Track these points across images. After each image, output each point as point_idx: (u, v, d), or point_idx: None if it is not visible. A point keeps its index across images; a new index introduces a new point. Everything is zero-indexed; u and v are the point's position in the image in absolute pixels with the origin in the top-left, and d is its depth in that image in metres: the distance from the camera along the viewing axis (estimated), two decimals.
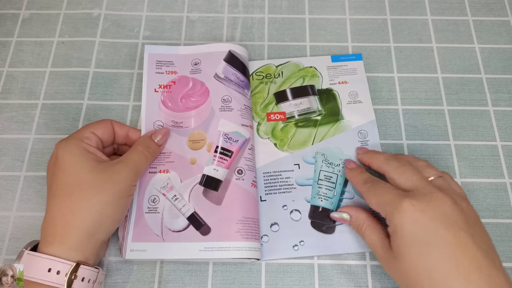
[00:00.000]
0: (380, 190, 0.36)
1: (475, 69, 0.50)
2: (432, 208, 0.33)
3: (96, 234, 0.35)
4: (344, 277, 0.40)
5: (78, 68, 0.50)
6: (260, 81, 0.49)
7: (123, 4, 0.54)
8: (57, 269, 0.33)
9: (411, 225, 0.32)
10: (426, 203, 0.33)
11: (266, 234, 0.42)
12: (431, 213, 0.32)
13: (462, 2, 0.54)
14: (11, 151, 0.45)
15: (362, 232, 0.38)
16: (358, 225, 0.38)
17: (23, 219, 0.42)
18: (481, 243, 0.32)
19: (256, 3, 0.54)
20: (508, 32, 0.53)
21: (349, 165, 0.43)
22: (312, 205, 0.43)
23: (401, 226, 0.33)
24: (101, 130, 0.40)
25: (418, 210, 0.32)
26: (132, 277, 0.40)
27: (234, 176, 0.42)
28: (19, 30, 0.52)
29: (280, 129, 0.46)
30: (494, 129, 0.47)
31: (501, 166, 0.45)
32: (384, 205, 0.35)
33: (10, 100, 0.48)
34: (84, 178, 0.35)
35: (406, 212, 0.33)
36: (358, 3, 0.54)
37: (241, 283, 0.40)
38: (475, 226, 0.33)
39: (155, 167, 0.43)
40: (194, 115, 0.45)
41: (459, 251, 0.31)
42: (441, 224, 0.32)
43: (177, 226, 0.40)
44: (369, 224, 0.37)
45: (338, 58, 0.50)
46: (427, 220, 0.32)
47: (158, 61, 0.48)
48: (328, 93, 0.48)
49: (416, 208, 0.32)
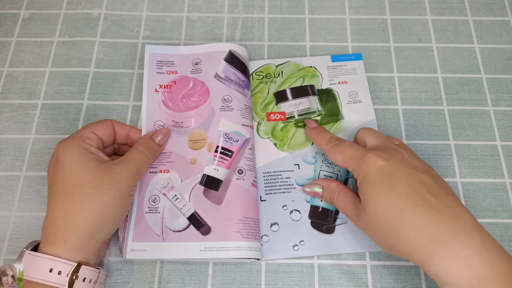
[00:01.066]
0: (345, 147, 0.38)
1: (475, 69, 0.50)
2: (394, 156, 0.35)
3: (97, 234, 0.35)
4: (344, 277, 0.40)
5: (78, 68, 0.50)
6: (260, 81, 0.49)
7: (123, 4, 0.54)
8: (58, 269, 0.33)
9: (375, 171, 0.34)
10: (390, 154, 0.35)
11: (266, 234, 0.42)
12: (394, 159, 0.34)
13: (462, 2, 0.54)
14: (11, 151, 0.45)
15: (335, 199, 0.39)
16: (330, 194, 0.39)
17: (23, 219, 0.42)
18: (443, 185, 0.34)
19: (256, 3, 0.54)
20: (508, 32, 0.53)
21: (310, 124, 0.44)
22: (312, 205, 0.43)
23: (366, 174, 0.35)
24: (101, 130, 0.40)
25: (381, 159, 0.34)
26: (132, 277, 0.40)
27: (234, 176, 0.42)
28: (19, 30, 0.52)
29: (280, 129, 0.46)
30: (494, 129, 0.47)
31: (501, 166, 0.45)
32: (351, 160, 0.37)
33: (10, 100, 0.48)
34: (85, 178, 0.35)
35: (371, 161, 0.35)
36: (358, 3, 0.54)
37: (241, 283, 0.40)
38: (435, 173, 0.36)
39: (155, 167, 0.43)
40: (194, 115, 0.45)
41: (419, 187, 0.33)
42: (402, 168, 0.34)
43: (177, 226, 0.40)
44: (341, 190, 0.39)
45: (338, 58, 0.50)
46: (389, 165, 0.34)
47: (159, 61, 0.48)
48: (328, 93, 0.48)
49: (380, 157, 0.35)
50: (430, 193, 0.32)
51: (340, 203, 0.38)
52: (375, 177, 0.34)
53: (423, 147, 0.46)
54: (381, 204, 0.33)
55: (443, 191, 0.33)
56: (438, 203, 0.32)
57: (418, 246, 0.31)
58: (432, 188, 0.33)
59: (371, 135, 0.39)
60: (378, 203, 0.33)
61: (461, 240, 0.30)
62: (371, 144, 0.38)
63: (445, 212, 0.31)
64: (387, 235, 0.33)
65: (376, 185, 0.34)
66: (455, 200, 0.33)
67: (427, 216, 0.31)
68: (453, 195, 0.34)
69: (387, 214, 0.33)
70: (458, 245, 0.30)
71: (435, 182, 0.33)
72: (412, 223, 0.31)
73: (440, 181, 0.35)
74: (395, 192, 0.33)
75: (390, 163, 0.34)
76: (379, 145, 0.37)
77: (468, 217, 0.32)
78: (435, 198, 0.32)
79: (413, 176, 0.33)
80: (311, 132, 0.43)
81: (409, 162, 0.35)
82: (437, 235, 0.30)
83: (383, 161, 0.34)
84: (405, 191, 0.33)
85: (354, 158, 0.36)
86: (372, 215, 0.34)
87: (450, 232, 0.30)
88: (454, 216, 0.31)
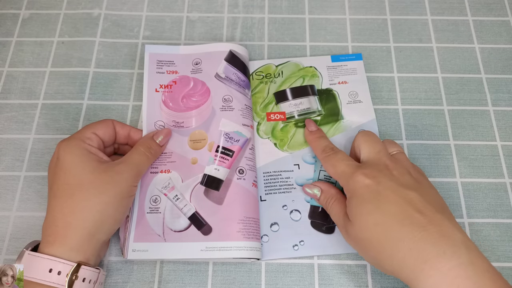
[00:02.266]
0: (337, 160, 0.38)
1: (475, 69, 0.50)
2: (383, 174, 0.35)
3: (97, 235, 0.35)
4: (344, 277, 0.40)
5: (78, 68, 0.50)
6: (260, 81, 0.49)
7: (123, 4, 0.54)
8: (58, 269, 0.33)
9: (362, 189, 0.34)
10: (378, 171, 0.35)
11: (266, 234, 0.42)
12: (381, 177, 0.34)
13: (462, 2, 0.54)
14: (11, 151, 0.45)
15: (330, 205, 0.39)
16: (327, 199, 0.40)
17: (23, 219, 0.42)
18: (433, 202, 0.33)
19: (256, 3, 0.54)
20: (508, 32, 0.53)
21: (309, 126, 0.45)
22: (312, 205, 0.43)
23: (353, 191, 0.35)
24: (102, 130, 0.40)
25: (368, 178, 0.35)
26: (132, 277, 0.40)
27: (235, 175, 0.42)
28: (19, 30, 0.52)
29: (280, 129, 0.46)
30: (494, 129, 0.47)
31: (501, 166, 0.45)
32: (341, 175, 0.37)
33: (10, 100, 0.48)
34: (85, 179, 0.35)
35: (358, 179, 0.35)
36: (358, 3, 0.54)
37: (241, 283, 0.40)
38: (426, 188, 0.35)
39: (156, 167, 0.43)
40: (195, 115, 0.45)
41: (406, 206, 0.32)
42: (388, 186, 0.34)
43: (178, 226, 0.40)
44: (338, 199, 0.39)
45: (338, 58, 0.50)
46: (376, 184, 0.34)
47: (159, 61, 0.48)
48: (328, 93, 0.48)
49: (367, 176, 0.35)
50: (417, 211, 0.32)
51: (334, 211, 0.38)
52: (362, 195, 0.34)
53: (423, 147, 0.46)
54: (368, 222, 0.33)
55: (432, 208, 0.32)
56: (425, 221, 0.31)
57: (406, 264, 0.31)
58: (420, 205, 0.32)
59: (366, 145, 0.38)
60: (365, 221, 0.33)
61: (448, 259, 0.30)
62: (363, 157, 0.38)
63: (432, 231, 0.31)
64: (374, 251, 0.33)
65: (363, 203, 0.34)
66: (444, 217, 0.32)
67: (414, 234, 0.31)
68: (444, 211, 0.33)
69: (374, 232, 0.33)
70: (445, 264, 0.29)
71: (423, 199, 0.33)
72: (399, 242, 0.31)
73: (430, 197, 0.34)
74: (381, 210, 0.33)
75: (377, 181, 0.34)
76: (370, 159, 0.37)
77: (457, 234, 0.31)
78: (422, 216, 0.32)
79: (400, 195, 0.33)
80: (309, 137, 0.44)
81: (397, 179, 0.34)
82: (423, 254, 0.30)
83: (370, 180, 0.34)
84: (392, 209, 0.32)
85: (344, 175, 0.37)
86: (359, 231, 0.34)
87: (437, 251, 0.30)
88: (442, 234, 0.31)
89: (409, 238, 0.31)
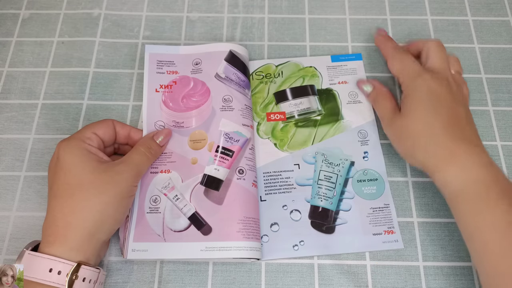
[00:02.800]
0: (406, 58, 0.43)
1: (475, 69, 0.50)
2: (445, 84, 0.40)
3: (97, 234, 0.35)
4: (344, 277, 0.40)
5: (78, 68, 0.50)
6: (260, 81, 0.49)
7: (123, 4, 0.54)
8: (58, 269, 0.33)
9: (424, 91, 0.40)
10: (442, 80, 0.40)
11: (266, 234, 0.42)
12: (445, 87, 0.40)
13: (462, 2, 0.54)
14: (11, 151, 0.45)
15: (379, 101, 0.44)
16: (377, 95, 0.45)
17: (23, 219, 0.42)
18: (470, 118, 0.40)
19: (256, 3, 0.54)
20: (508, 32, 0.53)
21: (380, 31, 0.50)
22: (312, 205, 0.43)
23: (415, 90, 0.40)
24: (102, 130, 0.40)
25: (435, 82, 0.40)
26: (132, 277, 0.40)
27: (235, 176, 0.42)
28: (19, 30, 0.52)
29: (280, 129, 0.46)
30: (494, 129, 0.47)
31: (501, 166, 0.45)
32: (408, 71, 0.42)
33: (10, 100, 0.48)
34: (85, 179, 0.35)
35: (424, 81, 0.40)
36: (358, 3, 0.54)
37: (241, 283, 0.40)
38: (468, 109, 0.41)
39: (156, 167, 0.43)
40: (195, 115, 0.45)
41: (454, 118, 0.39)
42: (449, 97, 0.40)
43: (178, 226, 0.40)
44: (388, 95, 0.44)
45: (338, 58, 0.50)
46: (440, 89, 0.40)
47: (159, 61, 0.48)
48: (328, 93, 0.48)
49: (434, 80, 0.40)
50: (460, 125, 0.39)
51: (382, 105, 0.44)
52: (425, 95, 0.40)
53: None
54: (421, 116, 0.39)
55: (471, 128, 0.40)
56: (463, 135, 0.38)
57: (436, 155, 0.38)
58: (464, 122, 0.39)
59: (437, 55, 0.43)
60: (419, 114, 0.39)
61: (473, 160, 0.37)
62: (430, 64, 0.42)
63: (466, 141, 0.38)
64: (412, 143, 0.39)
65: (423, 100, 0.39)
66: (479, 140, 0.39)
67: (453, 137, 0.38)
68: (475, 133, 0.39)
69: (422, 125, 0.39)
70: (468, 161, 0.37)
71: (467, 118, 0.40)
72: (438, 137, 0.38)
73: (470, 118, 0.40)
74: (436, 111, 0.39)
75: (440, 88, 0.40)
76: (436, 68, 0.42)
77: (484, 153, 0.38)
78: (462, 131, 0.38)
79: (454, 107, 0.39)
80: (379, 38, 0.48)
81: (454, 94, 0.40)
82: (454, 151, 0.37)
83: (435, 84, 0.40)
84: (444, 114, 0.39)
85: (412, 71, 0.41)
86: (410, 122, 0.39)
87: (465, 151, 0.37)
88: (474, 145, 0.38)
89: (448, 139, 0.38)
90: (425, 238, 0.42)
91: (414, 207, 0.43)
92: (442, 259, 0.41)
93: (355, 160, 0.45)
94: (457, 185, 0.37)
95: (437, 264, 0.41)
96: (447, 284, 0.40)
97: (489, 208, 0.35)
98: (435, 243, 0.42)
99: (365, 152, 0.45)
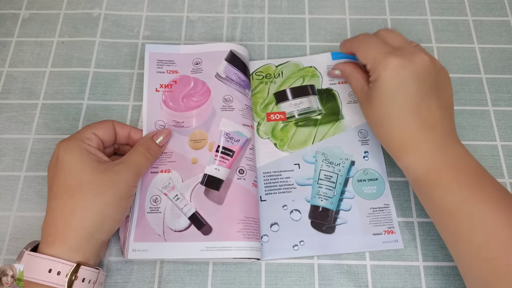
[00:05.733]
0: (371, 43, 0.41)
1: (475, 69, 0.50)
2: (412, 65, 0.38)
3: (96, 235, 0.35)
4: (344, 277, 0.40)
5: (78, 68, 0.50)
6: (260, 81, 0.49)
7: (123, 4, 0.54)
8: (57, 269, 0.33)
9: (391, 77, 0.38)
10: (409, 61, 0.38)
11: (266, 234, 0.42)
12: (410, 70, 0.38)
13: (462, 2, 0.54)
14: (11, 151, 0.45)
15: (351, 75, 0.43)
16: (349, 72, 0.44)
17: (23, 219, 0.42)
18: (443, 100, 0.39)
19: (256, 3, 0.54)
20: (508, 32, 0.53)
21: None
22: (312, 205, 0.43)
23: (381, 76, 0.38)
24: (102, 131, 0.40)
25: (401, 67, 0.38)
26: (132, 277, 0.40)
27: (235, 175, 0.42)
28: (19, 30, 0.52)
29: (280, 129, 0.46)
30: (494, 129, 0.47)
31: (501, 166, 0.45)
32: (372, 58, 0.40)
33: (10, 100, 0.48)
34: (85, 179, 0.35)
35: (390, 66, 0.38)
36: (358, 3, 0.54)
37: (241, 283, 0.40)
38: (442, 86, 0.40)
39: (156, 167, 0.43)
40: (195, 115, 0.45)
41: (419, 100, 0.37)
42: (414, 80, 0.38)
43: (178, 226, 0.40)
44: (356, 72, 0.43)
45: (339, 55, 0.50)
46: (404, 75, 0.38)
47: (159, 60, 0.48)
48: (328, 93, 0.48)
49: (400, 64, 0.38)
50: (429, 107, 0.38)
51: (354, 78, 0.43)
52: (388, 83, 0.38)
53: None
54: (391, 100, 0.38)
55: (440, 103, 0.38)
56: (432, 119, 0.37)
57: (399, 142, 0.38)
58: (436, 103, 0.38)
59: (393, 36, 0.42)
60: (389, 98, 0.38)
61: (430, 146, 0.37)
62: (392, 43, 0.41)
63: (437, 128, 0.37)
64: (387, 125, 0.39)
65: (387, 90, 0.38)
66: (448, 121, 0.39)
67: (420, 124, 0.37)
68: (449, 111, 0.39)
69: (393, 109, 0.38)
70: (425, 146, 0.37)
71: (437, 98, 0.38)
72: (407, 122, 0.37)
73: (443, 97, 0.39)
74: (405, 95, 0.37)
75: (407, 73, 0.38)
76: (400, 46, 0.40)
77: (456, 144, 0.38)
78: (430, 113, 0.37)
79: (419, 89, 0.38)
80: None
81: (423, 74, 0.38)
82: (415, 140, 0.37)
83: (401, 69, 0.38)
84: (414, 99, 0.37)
85: (375, 58, 0.39)
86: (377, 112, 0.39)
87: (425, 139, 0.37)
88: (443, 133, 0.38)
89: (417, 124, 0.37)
90: (425, 238, 0.42)
91: (414, 207, 0.43)
92: (442, 259, 0.41)
93: (356, 160, 0.45)
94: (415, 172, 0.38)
95: (437, 264, 0.41)
96: (447, 284, 0.40)
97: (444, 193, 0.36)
98: (435, 243, 0.42)
99: (365, 152, 0.45)
